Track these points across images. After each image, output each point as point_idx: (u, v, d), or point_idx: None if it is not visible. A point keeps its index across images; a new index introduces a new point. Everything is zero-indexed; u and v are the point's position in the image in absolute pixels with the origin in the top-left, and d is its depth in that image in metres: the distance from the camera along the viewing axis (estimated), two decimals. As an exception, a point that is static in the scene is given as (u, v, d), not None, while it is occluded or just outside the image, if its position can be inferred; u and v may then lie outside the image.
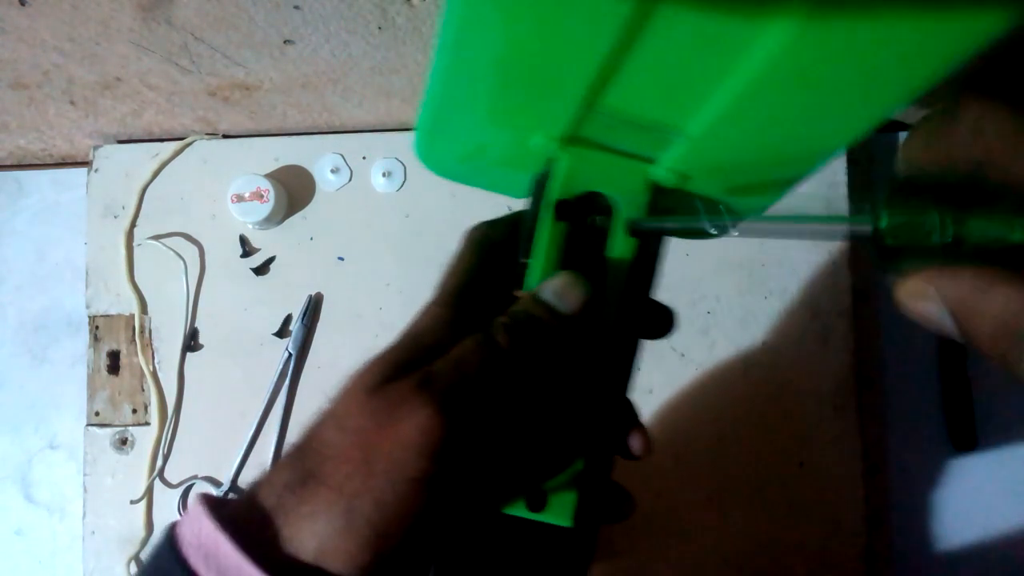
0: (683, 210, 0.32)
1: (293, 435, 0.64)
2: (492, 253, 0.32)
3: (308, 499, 0.25)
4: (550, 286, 0.29)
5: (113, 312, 0.67)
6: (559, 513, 0.31)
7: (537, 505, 0.30)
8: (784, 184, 0.31)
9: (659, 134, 0.28)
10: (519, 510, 0.30)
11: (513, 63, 0.25)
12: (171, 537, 0.26)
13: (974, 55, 0.21)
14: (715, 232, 0.27)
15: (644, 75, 0.25)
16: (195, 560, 0.25)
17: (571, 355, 0.30)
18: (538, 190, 0.30)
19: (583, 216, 0.30)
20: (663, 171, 0.30)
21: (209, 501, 0.27)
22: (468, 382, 0.26)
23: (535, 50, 0.24)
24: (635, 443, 0.33)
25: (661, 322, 0.34)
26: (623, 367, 0.32)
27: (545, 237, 0.30)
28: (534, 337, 0.28)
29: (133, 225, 0.68)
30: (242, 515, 0.26)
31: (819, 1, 0.20)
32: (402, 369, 0.27)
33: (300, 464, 0.26)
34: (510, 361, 0.27)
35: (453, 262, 0.32)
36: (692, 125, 0.27)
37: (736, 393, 0.63)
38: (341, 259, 0.67)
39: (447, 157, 0.32)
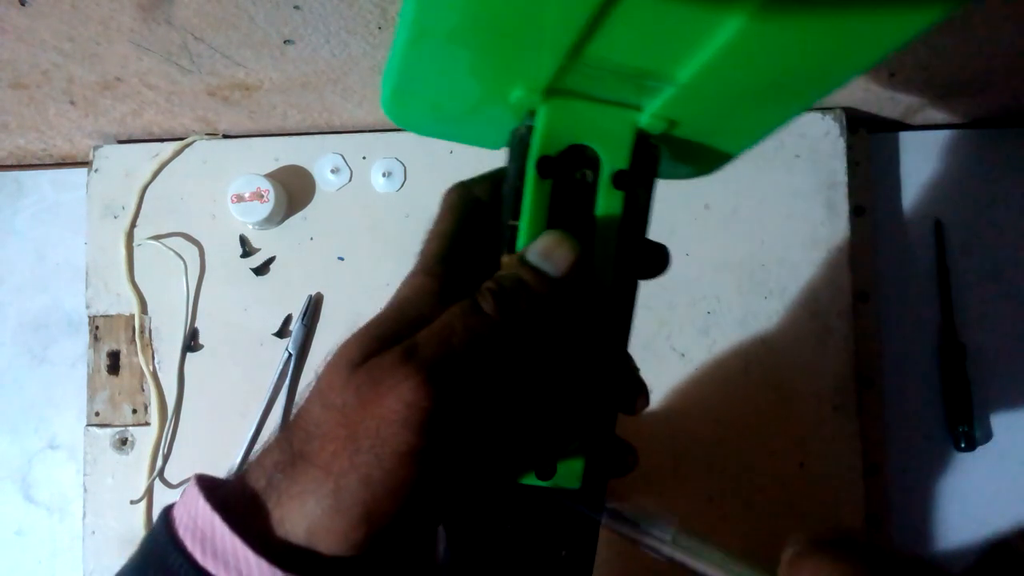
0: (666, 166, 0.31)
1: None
2: (474, 214, 0.30)
3: (297, 479, 0.25)
4: (536, 247, 0.28)
5: (113, 312, 0.67)
6: (567, 477, 0.30)
7: (546, 473, 0.30)
8: (773, 125, 0.31)
9: (646, 81, 0.27)
10: (528, 479, 0.30)
11: (493, 13, 0.23)
12: (167, 519, 0.26)
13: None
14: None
15: (634, 23, 0.24)
16: (190, 543, 0.25)
17: (564, 317, 0.29)
18: (518, 146, 0.29)
19: (569, 172, 0.29)
20: (649, 118, 0.29)
21: (204, 483, 0.27)
22: (455, 352, 0.25)
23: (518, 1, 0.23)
24: (635, 400, 0.32)
25: (655, 262, 0.33)
26: (621, 322, 0.31)
27: (530, 196, 0.28)
28: (522, 303, 0.27)
29: (133, 225, 0.67)
30: (235, 497, 0.26)
31: None
32: (386, 342, 0.26)
33: (288, 444, 0.26)
34: (498, 329, 0.26)
35: (433, 227, 0.30)
36: (682, 71, 0.26)
37: (736, 393, 0.63)
38: (341, 259, 0.67)
39: (417, 110, 0.30)
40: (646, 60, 0.26)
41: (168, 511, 0.27)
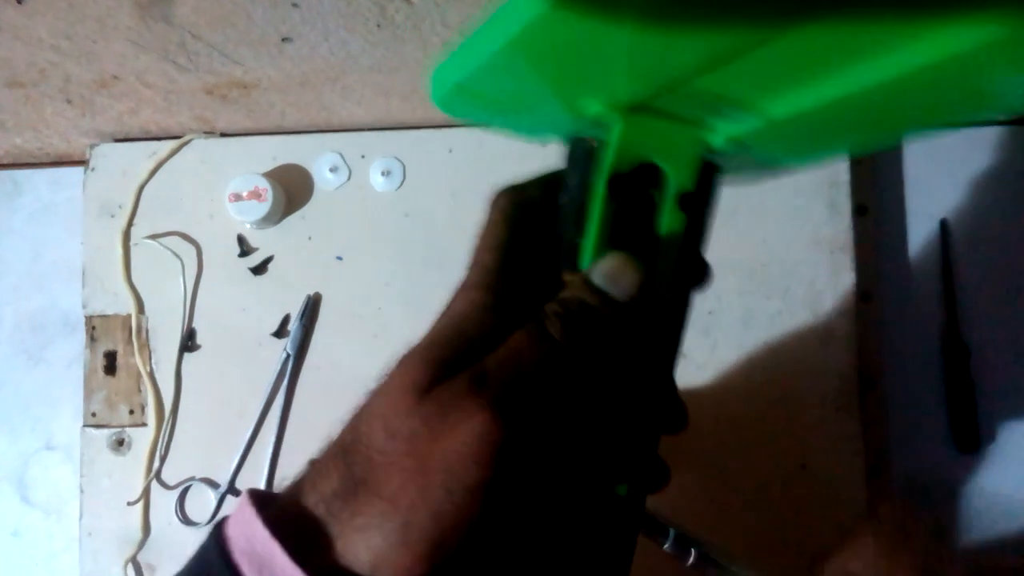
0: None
1: (292, 436, 0.64)
2: (526, 222, 0.29)
3: (361, 510, 0.25)
4: (602, 269, 0.27)
5: (110, 312, 0.66)
6: None
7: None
8: (843, 152, 0.30)
9: (733, 109, 0.26)
10: None
11: (603, 46, 0.21)
12: (219, 539, 0.26)
13: None
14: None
15: (754, 65, 0.22)
16: (247, 569, 0.24)
17: (624, 341, 0.28)
18: (584, 158, 0.28)
19: (639, 190, 0.28)
20: (723, 140, 0.28)
21: (257, 500, 0.26)
22: (524, 380, 0.25)
23: (624, 44, 0.21)
24: (678, 421, 0.32)
25: (701, 279, 0.33)
26: (673, 344, 0.30)
27: (597, 213, 0.27)
28: (589, 327, 0.26)
29: (130, 224, 0.67)
30: (292, 521, 0.25)
31: None
32: (451, 366, 0.25)
33: (348, 470, 0.25)
34: (565, 354, 0.26)
35: (485, 236, 0.29)
36: (778, 108, 0.25)
37: (737, 394, 0.63)
38: (340, 259, 0.66)
39: (474, 104, 0.29)
40: (745, 93, 0.24)
41: (220, 529, 0.26)
